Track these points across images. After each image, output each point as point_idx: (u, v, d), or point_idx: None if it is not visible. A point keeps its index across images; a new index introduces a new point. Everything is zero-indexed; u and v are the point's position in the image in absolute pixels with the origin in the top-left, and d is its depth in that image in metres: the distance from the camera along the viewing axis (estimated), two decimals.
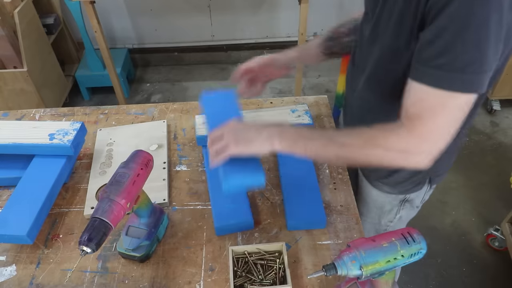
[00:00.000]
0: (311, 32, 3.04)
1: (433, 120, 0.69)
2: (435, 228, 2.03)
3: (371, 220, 1.18)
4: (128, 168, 0.82)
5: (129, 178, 0.80)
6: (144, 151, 0.87)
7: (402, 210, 1.10)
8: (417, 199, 1.08)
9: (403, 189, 1.03)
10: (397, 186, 1.03)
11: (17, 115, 1.33)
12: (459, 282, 1.82)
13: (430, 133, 0.70)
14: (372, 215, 1.16)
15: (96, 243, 0.73)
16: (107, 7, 2.81)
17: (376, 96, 0.90)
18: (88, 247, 0.72)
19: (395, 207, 1.09)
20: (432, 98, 0.68)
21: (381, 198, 1.09)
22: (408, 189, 1.03)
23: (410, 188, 1.03)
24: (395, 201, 1.07)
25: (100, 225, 0.74)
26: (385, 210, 1.11)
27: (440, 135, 0.71)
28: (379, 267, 0.69)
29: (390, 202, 1.09)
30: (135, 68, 3.16)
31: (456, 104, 0.68)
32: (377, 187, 1.07)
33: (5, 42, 2.22)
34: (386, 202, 1.09)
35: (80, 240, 0.72)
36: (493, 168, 2.31)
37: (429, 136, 0.71)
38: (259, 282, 0.86)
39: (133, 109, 1.34)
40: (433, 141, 0.71)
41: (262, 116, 1.16)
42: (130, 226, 0.92)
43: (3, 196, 1.08)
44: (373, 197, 1.10)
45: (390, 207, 1.10)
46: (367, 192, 1.11)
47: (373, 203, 1.12)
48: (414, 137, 0.71)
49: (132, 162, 0.83)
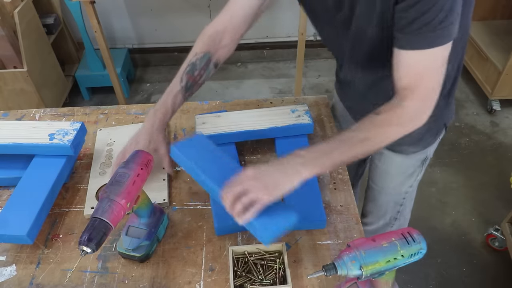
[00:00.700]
0: (311, 32, 3.04)
1: (424, 83, 0.81)
2: (435, 228, 2.03)
3: (391, 190, 1.25)
4: (128, 168, 0.82)
5: (129, 178, 0.80)
6: (144, 151, 0.87)
7: (422, 171, 1.20)
8: (433, 151, 1.17)
9: (426, 143, 1.11)
10: (420, 142, 1.10)
11: (17, 115, 1.33)
12: (459, 282, 1.82)
13: (426, 95, 0.82)
14: (393, 184, 1.23)
15: (96, 243, 0.73)
16: (107, 7, 2.81)
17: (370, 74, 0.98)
18: (88, 247, 0.72)
19: (417, 169, 1.18)
20: (416, 61, 0.79)
21: (406, 162, 1.16)
22: (430, 141, 1.11)
23: (431, 139, 1.11)
24: (417, 162, 1.16)
25: (100, 225, 0.74)
26: (408, 173, 1.19)
27: (433, 91, 0.82)
28: (379, 267, 0.69)
29: (413, 164, 1.16)
30: (135, 68, 3.16)
31: (438, 59, 0.79)
32: (402, 152, 1.13)
33: (5, 42, 2.22)
34: (410, 165, 1.17)
35: (80, 240, 0.72)
36: (493, 168, 2.31)
37: (425, 97, 0.82)
38: (259, 282, 0.86)
39: (133, 109, 1.34)
40: (430, 99, 0.83)
41: (262, 116, 1.16)
42: (130, 226, 0.92)
43: (3, 196, 1.08)
44: (397, 164, 1.17)
45: (413, 169, 1.18)
46: (389, 161, 1.17)
47: (397, 169, 1.18)
48: (414, 105, 0.82)
49: (132, 162, 0.83)
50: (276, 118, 1.16)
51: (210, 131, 1.12)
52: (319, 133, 1.22)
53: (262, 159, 1.15)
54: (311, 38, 3.05)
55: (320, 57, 3.18)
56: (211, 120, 1.17)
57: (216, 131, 1.13)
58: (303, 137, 1.16)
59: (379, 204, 1.32)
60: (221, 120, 1.16)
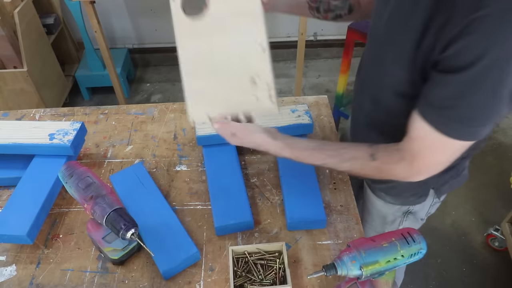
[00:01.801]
0: (311, 32, 3.04)
1: (433, 157, 0.75)
2: (435, 228, 2.02)
3: (374, 228, 1.17)
4: (84, 177, 0.87)
5: (93, 178, 0.87)
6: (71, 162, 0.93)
7: (405, 222, 1.10)
8: (422, 212, 1.07)
9: (405, 201, 1.03)
10: (399, 197, 1.03)
11: (17, 115, 1.33)
12: (459, 282, 1.82)
13: (428, 167, 0.78)
14: (375, 224, 1.16)
15: (126, 223, 0.80)
16: (107, 7, 2.81)
17: (382, 117, 0.91)
18: (132, 228, 0.80)
19: (398, 218, 1.09)
20: (431, 138, 0.71)
21: (385, 209, 1.08)
22: (411, 200, 1.02)
23: (412, 200, 1.02)
24: (398, 212, 1.07)
25: (117, 213, 0.81)
26: (388, 220, 1.11)
27: (436, 168, 0.78)
28: (379, 267, 0.69)
29: (393, 213, 1.08)
30: (135, 68, 3.16)
31: (453, 149, 0.73)
32: (380, 197, 1.06)
33: (5, 42, 2.22)
34: (389, 213, 1.08)
35: (120, 231, 0.79)
36: (493, 168, 2.31)
37: (426, 169, 0.78)
38: (259, 282, 0.86)
39: (133, 109, 1.34)
40: (429, 172, 0.79)
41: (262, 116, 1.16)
42: (103, 237, 0.91)
43: (3, 196, 1.08)
44: (376, 207, 1.10)
45: (393, 218, 1.09)
46: (371, 201, 1.11)
47: (377, 213, 1.11)
48: (413, 169, 0.78)
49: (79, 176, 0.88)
50: (276, 118, 1.16)
51: (210, 131, 1.12)
52: (319, 133, 1.22)
53: (262, 159, 1.15)
54: (311, 38, 3.05)
55: (320, 57, 3.18)
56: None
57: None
58: (303, 137, 1.16)
59: (366, 233, 1.23)
60: None
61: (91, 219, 0.91)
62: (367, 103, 0.93)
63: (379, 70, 0.85)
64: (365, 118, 0.97)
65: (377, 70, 0.86)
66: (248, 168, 1.13)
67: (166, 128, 1.26)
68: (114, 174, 1.09)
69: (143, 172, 1.08)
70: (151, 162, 1.16)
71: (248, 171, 1.12)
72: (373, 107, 0.91)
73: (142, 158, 1.17)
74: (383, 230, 1.15)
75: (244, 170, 1.12)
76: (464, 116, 0.67)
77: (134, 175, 1.07)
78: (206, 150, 1.13)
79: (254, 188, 1.08)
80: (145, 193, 1.03)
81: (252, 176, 1.11)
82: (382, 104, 0.88)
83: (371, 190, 1.08)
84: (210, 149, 1.13)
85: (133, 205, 0.99)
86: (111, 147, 1.21)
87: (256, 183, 1.09)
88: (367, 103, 0.93)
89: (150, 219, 0.96)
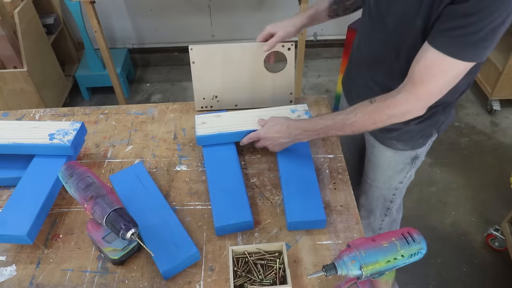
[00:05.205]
0: (311, 32, 3.04)
1: (433, 83, 0.84)
2: (435, 228, 2.02)
3: (381, 185, 1.26)
4: (84, 177, 0.86)
5: (93, 178, 0.87)
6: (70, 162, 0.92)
7: (412, 168, 1.20)
8: (423, 154, 1.17)
9: (415, 144, 1.12)
10: (410, 141, 1.11)
11: (17, 115, 1.33)
12: (459, 282, 1.82)
13: (429, 94, 0.86)
14: (383, 179, 1.24)
15: (126, 223, 0.79)
16: (107, 7, 2.81)
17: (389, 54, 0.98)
18: (131, 228, 0.79)
19: (407, 166, 1.18)
20: (441, 63, 0.80)
21: (395, 158, 1.16)
22: (419, 143, 1.12)
23: (421, 141, 1.11)
24: (407, 159, 1.17)
25: (117, 213, 0.81)
26: (398, 169, 1.20)
27: (436, 95, 0.86)
28: (379, 267, 0.69)
29: (402, 161, 1.17)
30: (135, 68, 3.16)
31: (457, 71, 0.82)
32: (391, 146, 1.14)
33: (5, 42, 2.22)
34: (399, 161, 1.17)
35: (120, 230, 0.79)
36: (493, 168, 2.31)
37: (426, 96, 0.87)
38: (259, 282, 0.86)
39: (133, 109, 1.34)
40: (429, 99, 0.88)
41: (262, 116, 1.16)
42: (103, 237, 0.91)
43: (3, 196, 1.08)
44: (386, 158, 1.18)
45: (402, 166, 1.19)
46: (380, 155, 1.18)
47: (387, 164, 1.19)
48: (413, 98, 0.87)
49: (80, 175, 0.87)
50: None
51: (210, 131, 1.12)
52: None
53: (262, 159, 1.15)
54: (311, 38, 3.05)
55: (320, 57, 3.18)
56: (211, 120, 1.17)
57: (216, 131, 1.13)
58: None
59: (370, 198, 1.34)
60: (221, 120, 1.16)
61: (91, 219, 0.91)
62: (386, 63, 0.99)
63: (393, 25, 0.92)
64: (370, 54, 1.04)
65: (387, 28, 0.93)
66: (248, 168, 1.13)
67: (166, 128, 1.26)
68: (114, 174, 1.09)
69: (143, 172, 1.08)
70: (151, 162, 1.16)
71: (248, 171, 1.12)
72: (395, 61, 0.97)
73: (142, 158, 1.17)
74: (390, 184, 1.25)
75: (244, 170, 1.12)
76: (478, 38, 0.75)
77: (134, 175, 1.07)
78: (206, 150, 1.13)
79: (254, 188, 1.08)
80: (145, 193, 1.03)
81: (252, 176, 1.11)
82: (403, 55, 0.94)
83: (380, 142, 1.15)
84: (210, 149, 1.13)
85: (133, 205, 0.99)
86: (111, 147, 1.21)
87: (256, 183, 1.09)
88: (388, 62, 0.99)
89: (150, 219, 0.96)
